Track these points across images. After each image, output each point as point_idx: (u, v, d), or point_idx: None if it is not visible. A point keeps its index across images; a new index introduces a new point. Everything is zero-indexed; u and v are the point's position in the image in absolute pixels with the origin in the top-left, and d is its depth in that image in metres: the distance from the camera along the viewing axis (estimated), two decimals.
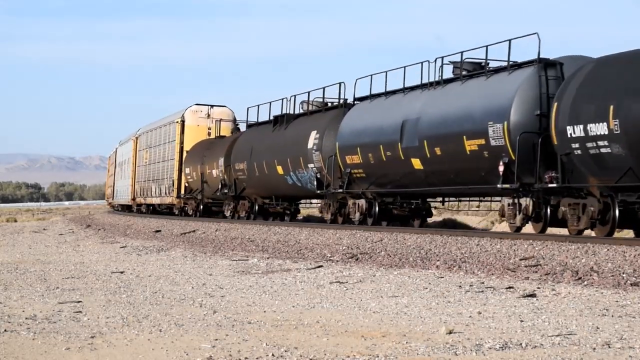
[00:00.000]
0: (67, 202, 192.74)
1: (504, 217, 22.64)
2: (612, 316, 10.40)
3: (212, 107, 48.76)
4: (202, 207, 44.08)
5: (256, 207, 37.82)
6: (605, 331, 9.25)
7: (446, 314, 10.77)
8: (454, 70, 25.02)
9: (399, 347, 8.42)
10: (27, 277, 16.36)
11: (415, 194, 26.91)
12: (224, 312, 11.06)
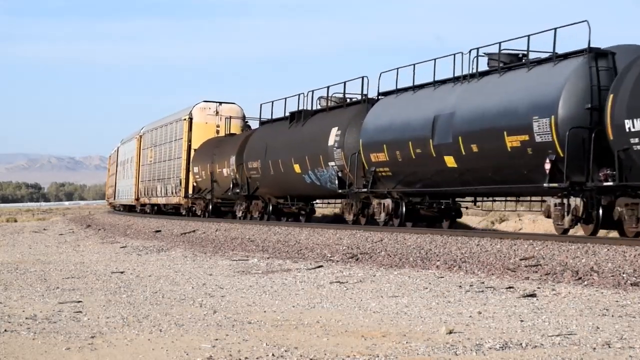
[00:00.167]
0: (67, 202, 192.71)
1: (550, 218, 21.39)
2: (612, 316, 10.41)
3: (220, 104, 47.17)
4: (211, 207, 42.62)
5: (270, 207, 36.30)
6: (605, 331, 9.25)
7: (446, 314, 10.77)
8: (489, 62, 23.56)
9: (399, 347, 8.42)
10: (27, 277, 16.36)
11: (446, 193, 25.49)
12: (224, 312, 11.06)
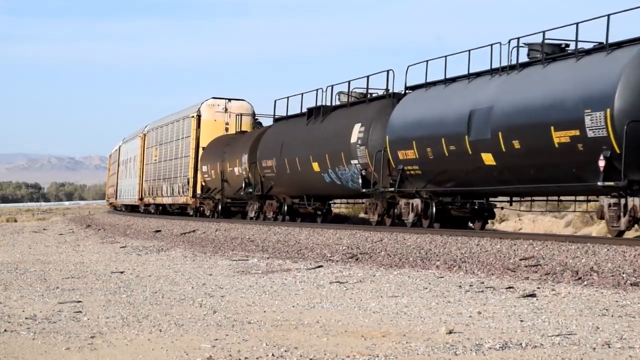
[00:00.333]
0: (67, 202, 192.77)
1: (603, 220, 19.99)
2: (612, 316, 10.41)
3: (229, 100, 45.66)
4: (221, 207, 41.22)
5: (285, 208, 34.81)
6: (605, 331, 9.25)
7: (446, 314, 10.77)
8: (529, 53, 22.19)
9: (399, 347, 8.42)
10: (27, 277, 16.36)
11: (481, 193, 24.00)
12: (224, 312, 11.06)
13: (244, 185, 37.47)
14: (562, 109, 19.85)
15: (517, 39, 22.27)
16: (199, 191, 44.59)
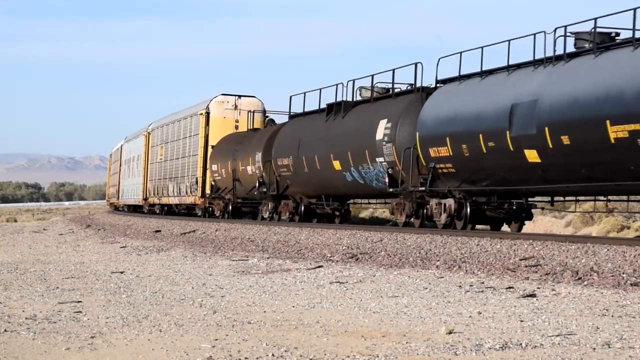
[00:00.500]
0: (67, 202, 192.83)
1: None
2: (612, 316, 10.40)
3: (239, 97, 44.37)
4: (231, 207, 40.06)
5: (302, 208, 33.35)
6: (605, 331, 9.25)
7: (446, 314, 10.77)
8: (576, 42, 20.86)
9: (399, 347, 8.42)
10: (27, 277, 16.36)
11: (520, 192, 22.54)
12: (224, 312, 11.06)
13: (257, 184, 36.14)
14: (620, 101, 18.47)
15: (565, 27, 20.89)
16: (208, 191, 43.32)
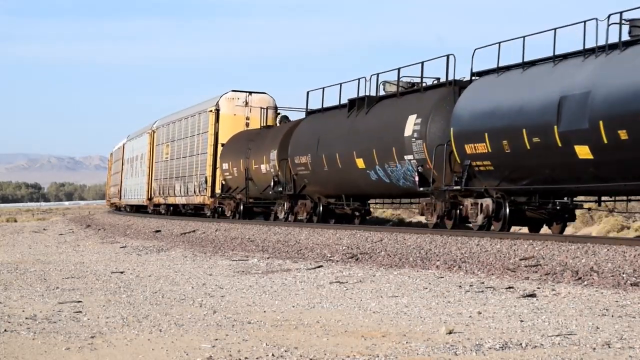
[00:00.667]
0: (67, 202, 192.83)
1: None
2: (612, 316, 10.41)
3: (250, 93, 43.11)
4: (242, 207, 38.75)
5: (320, 208, 31.94)
6: (605, 331, 9.25)
7: (446, 314, 10.77)
8: (631, 30, 19.52)
9: (399, 347, 8.42)
10: (27, 277, 16.36)
11: (569, 191, 21.32)
12: (224, 312, 11.06)
13: (272, 183, 34.67)
14: None
15: (620, 13, 19.41)
16: (217, 190, 41.87)
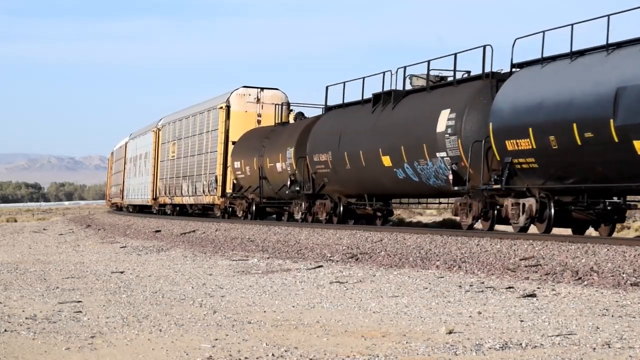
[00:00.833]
0: (67, 202, 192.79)
1: None
2: (612, 316, 10.41)
3: (262, 89, 41.56)
4: (254, 207, 37.24)
5: (340, 208, 30.48)
6: (605, 331, 9.25)
7: (446, 314, 10.77)
8: None
9: (399, 347, 8.42)
10: (27, 277, 16.36)
11: (611, 190, 20.02)
12: (224, 312, 11.06)
13: (289, 182, 32.98)
14: None
15: None
16: (228, 190, 40.25)
